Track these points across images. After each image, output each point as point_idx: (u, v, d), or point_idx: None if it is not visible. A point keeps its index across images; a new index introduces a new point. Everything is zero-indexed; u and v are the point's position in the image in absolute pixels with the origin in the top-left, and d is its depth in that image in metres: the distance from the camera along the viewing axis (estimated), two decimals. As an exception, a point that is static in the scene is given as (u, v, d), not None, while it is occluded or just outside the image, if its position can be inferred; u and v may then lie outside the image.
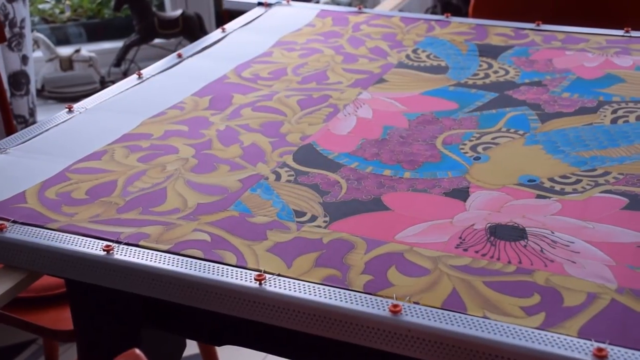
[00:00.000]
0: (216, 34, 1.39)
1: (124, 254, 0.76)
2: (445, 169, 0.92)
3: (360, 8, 1.50)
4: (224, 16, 1.59)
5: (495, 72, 1.19)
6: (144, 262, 0.75)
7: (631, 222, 0.79)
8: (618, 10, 1.56)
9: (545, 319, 0.65)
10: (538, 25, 1.36)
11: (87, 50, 2.49)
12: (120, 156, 0.96)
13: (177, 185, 0.89)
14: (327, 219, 0.82)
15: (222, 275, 0.73)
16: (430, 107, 1.09)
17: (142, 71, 1.21)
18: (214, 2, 2.59)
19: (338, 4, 2.50)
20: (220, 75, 1.21)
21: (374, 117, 1.06)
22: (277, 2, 1.55)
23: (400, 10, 1.84)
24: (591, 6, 1.60)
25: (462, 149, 0.96)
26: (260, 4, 1.55)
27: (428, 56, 1.27)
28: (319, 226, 0.81)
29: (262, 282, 0.71)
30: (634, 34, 1.30)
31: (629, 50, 1.24)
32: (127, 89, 1.16)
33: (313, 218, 0.82)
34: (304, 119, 1.06)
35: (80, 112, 1.09)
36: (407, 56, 1.27)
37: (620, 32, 1.31)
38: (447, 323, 0.65)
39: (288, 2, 1.56)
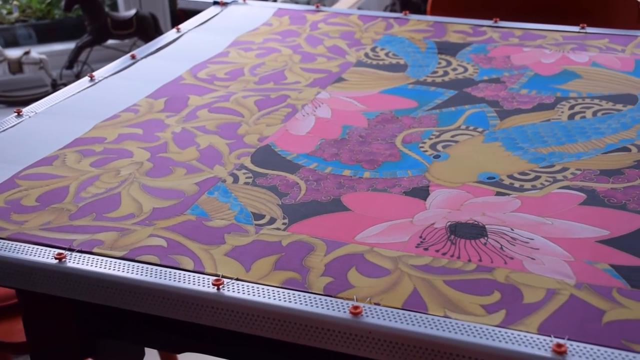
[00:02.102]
0: (171, 34, 1.37)
1: (77, 262, 0.74)
2: (405, 168, 0.91)
3: (317, 6, 1.49)
4: (180, 16, 1.57)
5: (454, 69, 1.19)
6: (97, 269, 0.73)
7: (589, 218, 0.79)
8: (573, 7, 1.57)
9: (505, 317, 0.65)
10: (496, 22, 1.37)
11: (37, 52, 2.44)
12: (72, 161, 0.94)
13: (131, 190, 0.87)
14: (286, 221, 0.81)
15: (179, 281, 0.71)
16: (389, 105, 1.08)
17: (94, 73, 1.18)
18: (168, 1, 2.56)
19: (296, 2, 2.48)
20: (176, 76, 1.19)
21: (332, 116, 1.05)
22: (233, 1, 1.53)
23: (359, 8, 1.84)
24: (547, 3, 1.61)
25: (422, 147, 0.96)
26: (216, 3, 1.52)
27: (387, 54, 1.26)
28: (278, 228, 0.79)
29: (220, 287, 0.70)
30: (589, 30, 1.32)
31: (585, 47, 1.25)
32: (79, 92, 1.14)
33: (272, 220, 0.81)
34: (262, 120, 1.05)
35: (29, 117, 1.06)
36: (366, 54, 1.26)
37: (576, 29, 1.32)
38: (408, 323, 0.65)
39: (244, 1, 1.54)
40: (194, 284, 0.71)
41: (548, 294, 0.68)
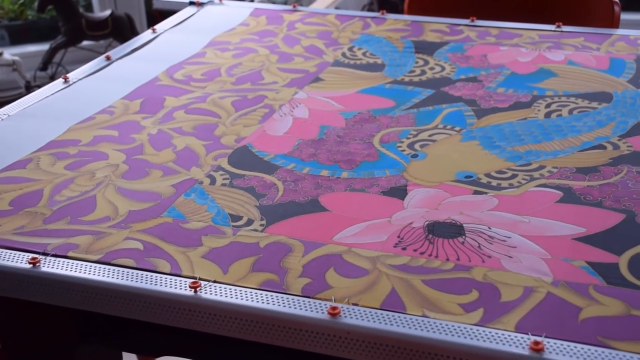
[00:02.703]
0: (147, 34, 1.36)
1: (52, 266, 0.73)
2: (382, 167, 0.91)
3: (294, 6, 1.49)
4: (156, 16, 1.56)
5: (431, 68, 1.20)
6: (73, 273, 0.72)
7: (565, 215, 0.80)
8: (549, 6, 1.58)
9: (483, 315, 0.65)
10: (472, 21, 1.38)
11: (10, 53, 2.41)
12: (46, 164, 0.93)
13: (107, 193, 0.86)
14: (264, 222, 0.80)
15: (156, 284, 0.71)
16: (367, 105, 1.08)
17: (68, 75, 1.17)
18: (144, 2, 2.55)
19: (273, 2, 2.48)
20: (152, 77, 1.18)
21: (310, 116, 1.05)
22: (209, 1, 1.53)
23: (337, 8, 1.84)
24: (523, 1, 1.62)
25: (400, 146, 0.96)
26: (192, 3, 1.51)
27: (364, 54, 1.26)
28: (256, 230, 0.79)
29: (198, 289, 0.69)
30: (565, 28, 1.32)
31: (561, 45, 1.26)
32: (53, 94, 1.12)
33: (249, 222, 0.80)
34: (239, 121, 1.04)
35: (2, 119, 1.04)
36: (343, 54, 1.26)
37: (552, 27, 1.33)
38: (386, 323, 0.65)
39: (221, 1, 1.53)
40: (170, 287, 0.70)
41: (525, 291, 0.68)
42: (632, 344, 0.61)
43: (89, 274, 0.72)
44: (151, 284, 0.71)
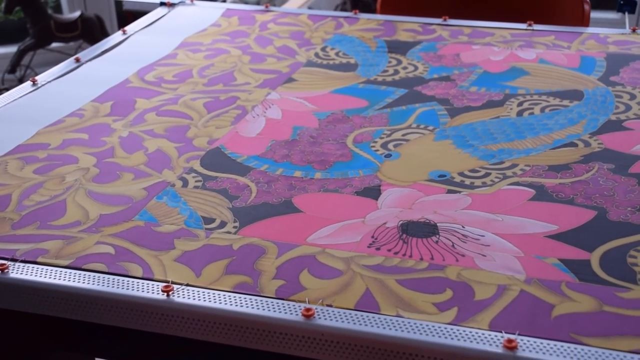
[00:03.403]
0: (117, 36, 1.34)
1: (21, 272, 0.72)
2: (356, 167, 0.91)
3: (267, 6, 1.48)
4: (127, 17, 1.55)
5: (404, 68, 1.20)
6: (43, 279, 0.71)
7: (538, 213, 0.80)
8: (521, 4, 1.59)
9: (457, 314, 0.65)
10: (445, 20, 1.38)
11: (-23, 56, 2.38)
12: (15, 168, 0.91)
13: (77, 197, 0.85)
14: (237, 224, 0.80)
15: (128, 289, 0.70)
16: (340, 105, 1.08)
17: (37, 77, 1.15)
18: (114, 3, 2.52)
19: (246, 2, 2.47)
20: (122, 79, 1.17)
21: (283, 117, 1.05)
22: (180, 2, 1.51)
23: (310, 8, 1.83)
24: (495, 0, 1.63)
25: (373, 146, 0.96)
26: (162, 4, 1.50)
27: (337, 54, 1.26)
28: (229, 232, 0.78)
29: (170, 293, 0.69)
30: (536, 27, 1.33)
31: (532, 44, 1.26)
32: (21, 97, 1.11)
33: (222, 224, 0.80)
34: (211, 122, 1.03)
35: (-30, 123, 1.03)
36: (316, 54, 1.26)
37: (523, 26, 1.34)
38: (360, 324, 0.64)
39: (192, 1, 1.52)
40: (142, 291, 0.69)
41: (499, 290, 0.68)
42: (603, 340, 0.61)
43: (59, 279, 0.71)
44: (123, 288, 0.70)
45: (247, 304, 0.68)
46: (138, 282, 0.71)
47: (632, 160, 0.89)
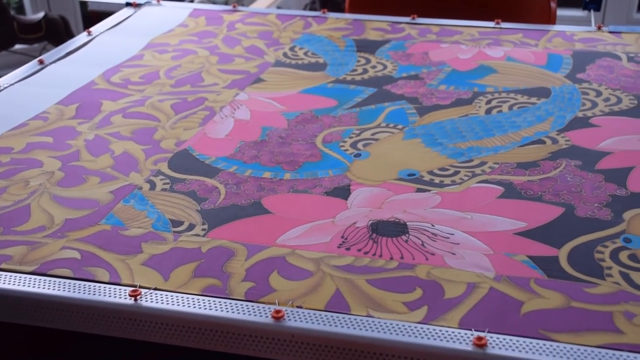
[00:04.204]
0: (82, 37, 1.32)
1: (-16, 280, 0.71)
2: (325, 167, 0.91)
3: (234, 6, 1.47)
4: (93, 18, 1.53)
5: (373, 67, 1.20)
6: (6, 286, 0.70)
7: (507, 210, 0.80)
8: (489, 2, 1.60)
9: (427, 313, 0.65)
10: (413, 18, 1.38)
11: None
12: (-23, 173, 0.89)
13: (42, 201, 0.84)
14: (206, 226, 0.79)
15: (94, 294, 0.69)
16: (309, 105, 1.07)
17: None
18: (79, 3, 2.48)
19: (214, 2, 2.45)
20: (87, 81, 1.15)
21: (252, 118, 1.04)
22: (146, 2, 1.50)
23: (278, 7, 1.83)
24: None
25: (343, 146, 0.96)
26: (128, 4, 1.49)
27: (306, 53, 1.25)
28: (197, 235, 0.77)
29: (138, 297, 0.68)
30: (504, 25, 1.34)
31: (500, 42, 1.27)
32: (-17, 100, 1.09)
33: (191, 227, 0.79)
34: (179, 124, 1.02)
35: None
36: (285, 54, 1.25)
37: (491, 24, 1.35)
38: (330, 325, 0.64)
39: (158, 1, 1.51)
40: (109, 296, 0.69)
41: (468, 288, 0.68)
42: (572, 336, 0.62)
43: (24, 286, 0.70)
44: (89, 293, 0.69)
45: (216, 306, 0.67)
46: (105, 287, 0.70)
47: (599, 157, 0.90)
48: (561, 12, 2.59)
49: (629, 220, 0.77)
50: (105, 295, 0.69)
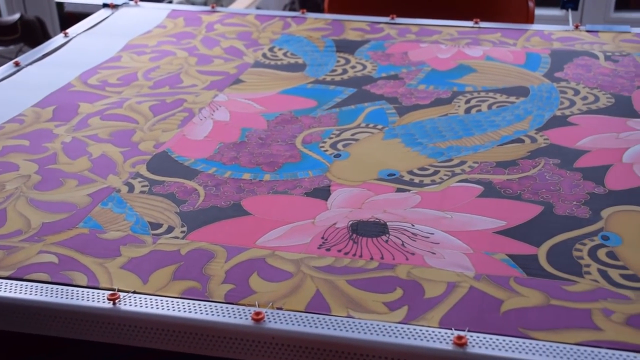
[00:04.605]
0: (58, 39, 1.31)
1: (-41, 285, 0.70)
2: (305, 168, 0.90)
3: (213, 7, 1.46)
4: (69, 19, 1.51)
5: (353, 67, 1.20)
6: (-18, 292, 0.69)
7: (486, 209, 0.80)
8: (467, 2, 1.61)
9: (407, 313, 0.65)
10: (392, 18, 1.38)
11: None
12: (-48, 177, 0.88)
13: (18, 205, 0.82)
14: (185, 229, 0.78)
15: (72, 298, 0.68)
16: (288, 106, 1.07)
17: (-26, 83, 1.12)
18: (56, 4, 2.46)
19: (192, 3, 2.44)
20: (64, 83, 1.14)
21: (231, 119, 1.03)
22: (124, 3, 1.49)
23: (258, 8, 1.82)
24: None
25: (322, 147, 0.95)
26: (105, 5, 1.47)
27: (285, 54, 1.25)
28: (177, 237, 0.77)
29: (116, 301, 0.67)
30: (482, 25, 1.35)
31: (479, 41, 1.28)
32: (-42, 104, 1.08)
33: (170, 229, 0.78)
34: (158, 126, 1.01)
35: None
36: (264, 55, 1.25)
37: (470, 24, 1.35)
38: (311, 326, 0.64)
39: (136, 2, 1.50)
40: (88, 300, 0.68)
41: (449, 287, 0.68)
42: (551, 333, 0.62)
43: (0, 291, 0.69)
44: (67, 298, 0.68)
45: (195, 309, 0.66)
46: (83, 291, 0.69)
47: (577, 155, 0.90)
48: (539, 12, 2.61)
49: (607, 218, 0.78)
50: (83, 300, 0.68)
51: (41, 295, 0.68)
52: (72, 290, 0.69)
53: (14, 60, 1.20)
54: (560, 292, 0.67)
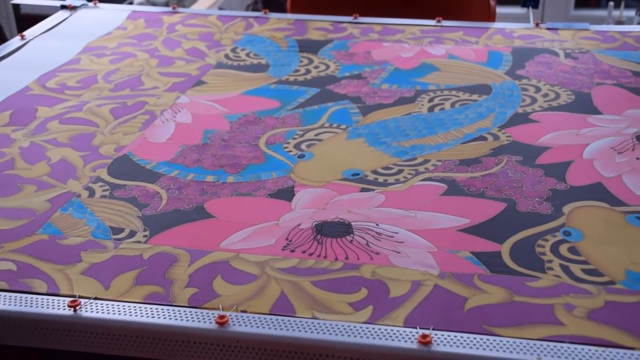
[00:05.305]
0: (15, 41, 1.29)
1: None
2: (269, 169, 0.90)
3: (174, 8, 1.45)
4: (27, 21, 1.48)
5: (316, 67, 1.19)
6: (-63, 302, 0.67)
7: (450, 207, 0.81)
8: (429, 0, 1.62)
9: (372, 313, 0.65)
10: (355, 17, 1.38)
11: None
12: None
13: (-26, 212, 0.81)
14: (147, 233, 0.77)
15: (32, 306, 0.67)
16: (251, 107, 1.06)
17: None
18: (12, 6, 2.41)
19: (154, 4, 2.41)
20: (22, 87, 1.12)
21: (193, 121, 1.02)
22: (82, 5, 1.46)
23: (220, 8, 1.81)
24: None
25: (286, 147, 0.95)
26: (63, 7, 1.45)
27: (248, 55, 1.24)
28: (139, 241, 0.76)
29: (77, 308, 0.66)
30: (445, 23, 1.35)
31: (442, 39, 1.28)
32: None
33: (132, 234, 0.77)
34: (119, 129, 1.00)
35: None
36: (226, 56, 1.24)
37: (432, 22, 1.36)
38: (275, 328, 0.64)
39: (95, 4, 1.47)
40: (48, 308, 0.67)
41: (413, 286, 0.68)
42: (514, 330, 0.62)
43: (-44, 300, 0.67)
44: (27, 306, 0.67)
45: (159, 314, 0.66)
46: (43, 299, 0.68)
47: (539, 152, 0.91)
48: (500, 10, 2.64)
49: (569, 213, 0.79)
50: (43, 307, 0.67)
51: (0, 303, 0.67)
52: (32, 297, 0.68)
53: (-32, 64, 1.18)
54: (524, 289, 0.67)
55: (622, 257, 0.72)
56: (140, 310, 0.66)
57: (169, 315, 0.65)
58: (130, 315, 0.66)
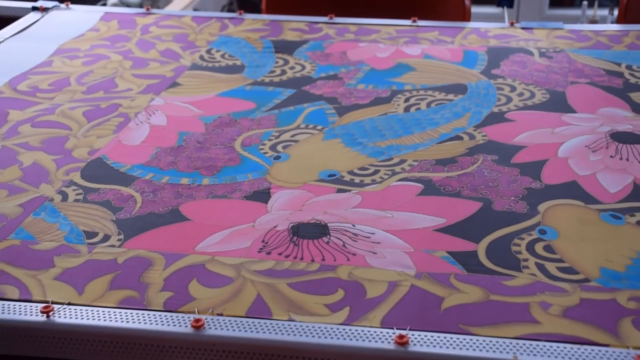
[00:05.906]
0: (-15, 44, 1.27)
1: None
2: (245, 171, 0.89)
3: (148, 9, 1.43)
4: (-2, 24, 1.46)
5: (292, 68, 1.19)
6: None
7: (426, 207, 0.81)
8: (405, 1, 1.62)
9: (349, 314, 0.65)
10: (331, 18, 1.38)
11: None
12: None
13: (-56, 218, 0.79)
14: (122, 236, 0.76)
15: (3, 312, 0.66)
16: (227, 108, 1.06)
17: None
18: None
19: (128, 5, 2.39)
20: (-8, 90, 1.11)
21: (168, 123, 1.01)
22: (54, 6, 1.45)
23: (195, 9, 1.80)
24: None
25: (262, 149, 0.94)
26: (35, 8, 1.43)
27: (223, 56, 1.24)
28: (113, 245, 0.75)
29: (50, 314, 0.65)
30: (420, 23, 1.35)
31: (417, 39, 1.28)
32: None
33: (106, 238, 0.76)
34: (92, 132, 0.99)
35: None
36: (201, 57, 1.23)
37: (408, 22, 1.36)
38: (252, 331, 0.63)
39: (67, 5, 1.46)
40: (20, 314, 0.66)
41: (390, 286, 0.68)
42: (490, 329, 0.62)
43: None
44: (-2, 312, 0.66)
45: (133, 319, 0.65)
46: (15, 305, 0.67)
47: (514, 151, 0.91)
48: (475, 10, 2.65)
49: (544, 212, 0.79)
50: (15, 314, 0.66)
51: (-30, 311, 0.66)
52: (3, 304, 0.67)
53: (-62, 67, 1.16)
54: (500, 287, 0.68)
55: (596, 254, 0.72)
56: (115, 315, 0.66)
57: (144, 320, 0.65)
58: (105, 320, 0.65)
